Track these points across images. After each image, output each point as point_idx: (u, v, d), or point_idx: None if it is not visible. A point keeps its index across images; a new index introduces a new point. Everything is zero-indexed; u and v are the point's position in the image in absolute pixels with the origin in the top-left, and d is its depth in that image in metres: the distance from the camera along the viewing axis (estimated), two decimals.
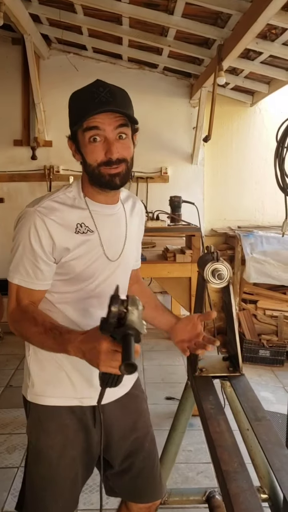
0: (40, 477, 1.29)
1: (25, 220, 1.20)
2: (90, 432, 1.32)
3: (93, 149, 1.17)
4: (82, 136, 1.19)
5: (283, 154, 2.13)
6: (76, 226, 1.22)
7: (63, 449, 1.28)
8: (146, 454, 1.42)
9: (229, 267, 1.48)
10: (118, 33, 3.92)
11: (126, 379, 1.36)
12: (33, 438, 1.31)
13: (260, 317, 4.19)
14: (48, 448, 1.28)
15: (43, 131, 4.68)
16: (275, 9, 2.51)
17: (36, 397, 1.29)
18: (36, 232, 1.17)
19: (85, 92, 1.17)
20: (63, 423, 1.28)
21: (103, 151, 1.17)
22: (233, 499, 0.95)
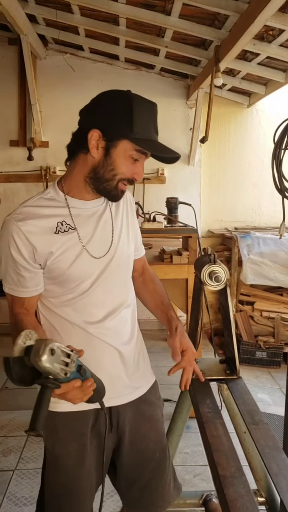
0: (59, 485, 1.28)
1: (3, 230, 1.19)
2: (102, 438, 1.30)
3: (128, 165, 1.18)
4: (125, 147, 1.17)
5: (280, 156, 2.13)
6: (56, 225, 1.20)
7: (80, 458, 1.27)
8: (156, 464, 1.39)
9: (226, 269, 1.47)
10: (115, 34, 3.91)
11: (141, 380, 1.38)
12: (49, 445, 1.28)
13: (257, 319, 4.19)
14: (65, 456, 1.26)
15: (39, 132, 4.66)
16: (272, 10, 2.50)
17: (51, 404, 1.26)
18: (14, 241, 1.16)
19: (149, 110, 1.18)
20: (80, 431, 1.27)
21: (132, 170, 1.19)
22: (230, 505, 0.94)
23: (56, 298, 1.26)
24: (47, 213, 1.20)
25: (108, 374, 1.27)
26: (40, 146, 4.69)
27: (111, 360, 1.29)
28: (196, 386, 1.46)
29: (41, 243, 1.17)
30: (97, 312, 1.26)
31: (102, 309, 1.28)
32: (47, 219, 1.19)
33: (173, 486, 1.44)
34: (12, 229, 1.16)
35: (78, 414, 1.26)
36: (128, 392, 1.34)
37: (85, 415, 1.27)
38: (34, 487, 2.34)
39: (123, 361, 1.32)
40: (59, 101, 4.63)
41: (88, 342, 1.25)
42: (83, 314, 1.25)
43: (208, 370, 1.54)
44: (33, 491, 2.31)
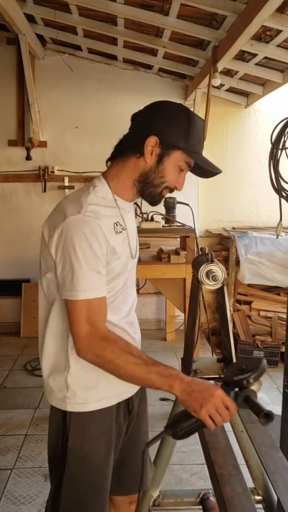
0: (86, 483, 1.29)
1: (74, 227, 1.14)
2: (121, 429, 1.36)
3: (175, 174, 1.26)
4: (177, 157, 1.23)
5: (277, 156, 2.14)
6: (114, 226, 1.22)
7: (107, 453, 1.30)
8: (138, 449, 1.42)
9: (223, 268, 1.48)
10: (113, 34, 3.92)
11: None
12: (76, 446, 1.27)
13: (254, 318, 4.20)
14: (93, 453, 1.28)
15: (37, 132, 4.66)
16: (270, 11, 2.51)
17: (79, 405, 1.26)
18: (95, 235, 1.14)
19: (202, 128, 1.26)
20: (107, 426, 1.30)
21: (177, 180, 1.28)
22: (227, 503, 0.95)
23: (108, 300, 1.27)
24: (106, 213, 1.21)
25: None
26: (38, 146, 4.69)
27: None
28: None
29: (112, 241, 1.19)
30: (125, 307, 1.32)
31: (128, 305, 1.34)
32: (108, 219, 1.20)
33: (150, 464, 1.52)
34: (93, 226, 1.14)
35: (105, 410, 1.28)
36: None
37: (111, 410, 1.30)
38: (32, 485, 2.35)
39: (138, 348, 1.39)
40: (58, 101, 4.63)
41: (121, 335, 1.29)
42: (115, 310, 1.27)
43: (205, 369, 1.55)
44: (31, 489, 2.32)
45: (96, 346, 1.14)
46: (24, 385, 3.51)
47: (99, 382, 1.27)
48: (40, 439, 2.78)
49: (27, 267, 4.77)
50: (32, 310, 4.68)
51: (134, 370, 1.12)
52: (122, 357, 1.13)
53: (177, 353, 3.99)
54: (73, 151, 4.69)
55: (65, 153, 4.68)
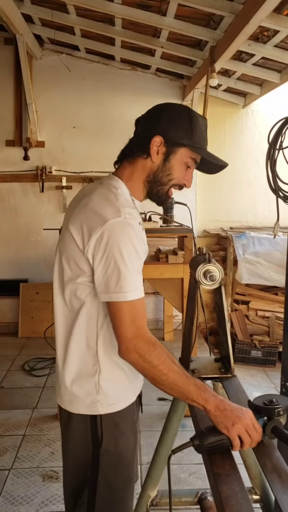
0: (122, 479, 1.32)
1: (119, 230, 1.14)
2: (137, 419, 1.41)
3: (182, 171, 1.29)
4: (183, 154, 1.27)
5: (274, 156, 2.14)
6: (139, 224, 1.27)
7: (136, 446, 1.38)
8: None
9: (221, 268, 1.48)
10: (110, 34, 3.92)
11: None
12: (111, 446, 1.28)
13: (252, 318, 4.21)
14: (127, 449, 1.32)
15: (35, 132, 4.66)
16: (267, 11, 2.52)
17: (110, 406, 1.28)
18: (136, 237, 1.18)
19: (204, 125, 1.31)
20: (132, 420, 1.35)
21: (185, 177, 1.30)
22: (224, 502, 0.95)
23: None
24: (135, 215, 1.24)
25: None
26: (36, 146, 4.69)
27: None
28: None
29: (146, 241, 1.28)
30: None
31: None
32: (137, 221, 1.24)
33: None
34: (135, 228, 1.19)
35: (130, 407, 1.33)
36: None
37: (133, 405, 1.35)
38: (30, 486, 2.35)
39: None
40: (55, 101, 4.63)
41: None
42: None
43: (203, 369, 1.55)
44: (29, 490, 2.32)
45: (143, 349, 1.14)
46: (22, 385, 3.51)
47: (123, 381, 1.31)
48: (38, 439, 2.78)
49: (25, 267, 4.77)
50: (30, 310, 4.68)
51: (177, 379, 1.13)
52: (167, 364, 1.14)
53: (175, 353, 3.99)
54: (71, 151, 4.69)
55: (62, 153, 4.68)
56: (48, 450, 2.67)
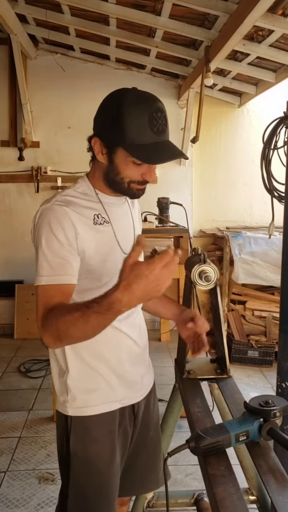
0: (93, 488, 1.28)
1: (43, 216, 1.16)
2: (127, 435, 1.35)
3: (134, 169, 1.16)
4: (123, 153, 1.13)
5: (269, 155, 2.14)
6: (93, 217, 1.21)
7: (111, 456, 1.29)
8: (151, 450, 1.45)
9: (216, 268, 1.47)
10: (105, 34, 3.91)
11: (151, 373, 1.45)
12: (79, 449, 1.26)
13: (248, 318, 4.21)
14: (98, 456, 1.27)
15: (30, 132, 4.64)
16: (261, 11, 2.52)
17: (79, 409, 1.26)
18: (58, 222, 1.13)
19: (144, 111, 1.10)
20: (110, 429, 1.29)
21: (140, 173, 1.17)
22: (219, 503, 0.94)
23: (88, 292, 1.18)
24: (84, 204, 1.21)
25: (132, 372, 1.32)
26: (31, 146, 4.67)
27: (135, 357, 1.33)
28: (187, 385, 1.46)
29: (83, 228, 1.16)
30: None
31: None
32: (85, 210, 1.20)
33: (162, 471, 1.48)
34: (58, 212, 1.14)
35: (107, 415, 1.28)
36: (147, 387, 1.41)
37: (113, 414, 1.29)
38: (25, 488, 2.34)
39: (143, 357, 1.39)
40: (50, 101, 4.62)
41: (116, 341, 1.27)
42: None
43: (198, 370, 1.54)
44: (25, 492, 2.30)
45: (46, 325, 1.09)
46: (17, 387, 3.49)
47: (99, 385, 1.26)
48: (34, 441, 2.77)
49: (20, 268, 4.75)
50: (26, 311, 4.66)
51: (81, 324, 1.02)
52: (66, 320, 1.04)
53: (172, 354, 3.98)
54: (66, 151, 4.68)
55: (58, 154, 4.67)
56: (44, 452, 2.65)
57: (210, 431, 1.08)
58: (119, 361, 1.29)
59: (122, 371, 1.29)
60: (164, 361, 3.79)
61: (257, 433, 1.09)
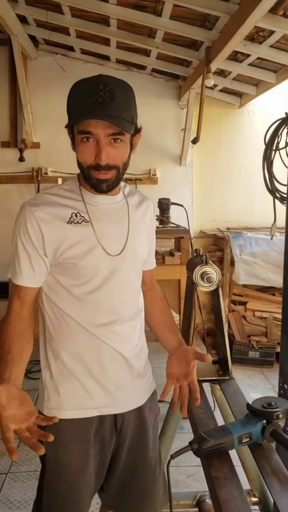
0: (59, 493, 1.26)
1: (18, 215, 1.20)
2: (105, 444, 1.29)
3: (84, 150, 1.13)
4: (76, 135, 1.14)
5: (271, 156, 2.14)
6: (71, 215, 1.19)
7: (83, 464, 1.25)
8: (151, 472, 1.37)
9: (218, 270, 1.48)
10: (106, 35, 3.91)
11: (145, 387, 1.37)
12: (51, 452, 1.24)
13: (249, 319, 4.20)
14: (67, 463, 1.24)
15: (30, 133, 4.64)
16: (262, 12, 2.51)
17: (53, 411, 1.24)
18: (25, 225, 1.17)
19: (86, 85, 1.10)
20: (84, 436, 1.25)
21: (93, 154, 1.12)
22: (223, 505, 0.94)
23: (65, 291, 1.22)
24: (63, 202, 1.20)
25: (114, 380, 1.26)
26: (31, 147, 4.67)
27: (118, 366, 1.27)
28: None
29: (51, 231, 1.16)
30: (106, 313, 1.23)
31: (112, 312, 1.24)
32: (62, 208, 1.19)
33: (162, 493, 1.42)
34: (25, 213, 1.17)
35: (82, 421, 1.24)
36: (133, 400, 1.32)
37: (89, 421, 1.25)
38: (27, 490, 2.33)
39: (129, 368, 1.29)
40: (50, 102, 4.61)
41: (95, 345, 1.23)
42: (91, 314, 1.22)
43: (200, 371, 1.54)
44: (26, 494, 2.30)
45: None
46: None
47: (75, 388, 1.24)
48: None
49: None
50: None
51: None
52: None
53: None
54: (67, 152, 4.61)
55: (58, 154, 4.66)
56: None
57: (213, 433, 1.07)
58: (99, 366, 1.24)
59: (102, 377, 1.24)
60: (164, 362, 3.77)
61: (260, 435, 1.08)
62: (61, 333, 1.24)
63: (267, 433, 1.07)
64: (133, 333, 1.30)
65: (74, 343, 1.23)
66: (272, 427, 1.07)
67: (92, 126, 1.09)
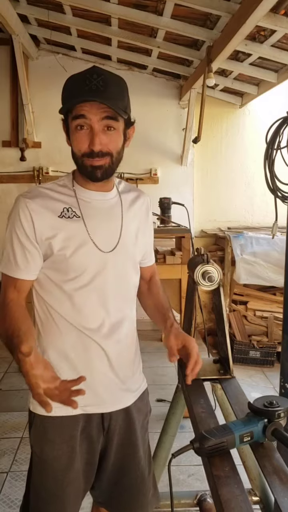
0: (46, 490, 1.26)
1: (12, 208, 1.21)
2: (93, 442, 1.29)
3: (78, 137, 1.15)
4: (70, 123, 1.16)
5: (272, 156, 2.14)
6: (62, 210, 1.20)
7: (69, 462, 1.25)
8: (140, 473, 1.37)
9: (219, 269, 1.47)
10: (107, 34, 3.91)
11: (134, 386, 1.36)
12: (37, 448, 1.26)
13: (250, 318, 4.20)
14: (53, 460, 1.24)
15: (32, 132, 4.64)
16: (264, 11, 2.51)
17: (38, 407, 1.23)
18: (19, 216, 1.17)
19: (79, 76, 1.14)
20: (70, 434, 1.25)
21: (87, 141, 1.14)
22: (224, 505, 0.94)
23: (55, 287, 1.22)
24: (56, 196, 1.21)
25: (101, 379, 1.26)
26: (32, 147, 4.68)
27: (105, 365, 1.26)
28: (190, 386, 1.46)
29: (43, 223, 1.17)
30: (95, 311, 1.23)
31: (101, 309, 1.24)
32: (54, 202, 1.20)
33: (152, 494, 1.41)
34: (19, 205, 1.18)
35: (68, 418, 1.24)
36: (121, 398, 1.31)
37: (75, 419, 1.25)
38: None
39: (118, 366, 1.29)
40: (52, 101, 4.58)
41: (82, 343, 1.23)
42: (79, 311, 1.22)
43: (202, 370, 1.54)
44: None
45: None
46: (19, 388, 3.49)
47: None
48: None
49: None
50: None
51: (3, 340, 1.09)
52: (5, 326, 1.10)
53: None
54: (68, 152, 4.62)
55: (59, 154, 4.66)
56: None
57: (214, 431, 1.07)
58: (86, 365, 1.23)
59: (88, 376, 1.20)
60: (165, 362, 3.78)
61: (261, 433, 1.08)
62: (48, 330, 1.25)
63: (269, 432, 1.07)
64: (122, 331, 1.29)
65: (61, 340, 1.23)
66: (273, 426, 1.07)
67: (85, 110, 1.12)
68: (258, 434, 1.08)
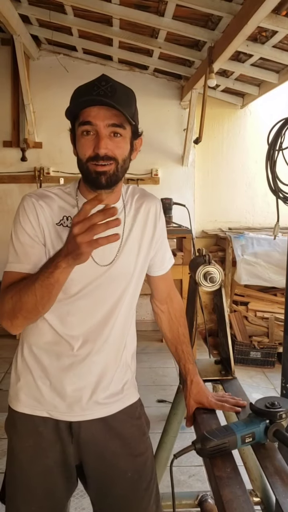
0: (14, 477, 1.28)
1: (19, 205, 1.22)
2: (67, 445, 1.26)
3: (84, 142, 1.13)
4: (77, 129, 1.16)
5: (274, 156, 2.14)
6: (62, 217, 1.19)
7: (35, 456, 1.25)
8: (128, 484, 1.29)
9: (221, 270, 1.47)
10: (108, 34, 3.91)
11: (116, 397, 1.29)
12: (9, 437, 1.30)
13: (251, 319, 4.20)
14: (19, 450, 1.27)
15: (33, 133, 4.64)
16: (265, 12, 2.52)
17: (12, 400, 1.29)
18: (25, 211, 1.18)
19: (87, 85, 1.16)
20: (36, 430, 1.25)
21: (92, 146, 1.12)
22: (226, 505, 0.94)
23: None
24: (59, 203, 1.21)
25: (72, 389, 1.22)
26: (33, 147, 4.68)
27: (81, 375, 1.23)
28: None
29: (45, 222, 1.18)
30: (79, 321, 1.20)
31: (85, 319, 1.21)
32: (57, 209, 1.20)
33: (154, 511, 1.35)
34: (26, 202, 1.19)
35: (36, 417, 1.24)
36: (92, 409, 1.25)
37: (41, 419, 1.24)
38: None
39: (95, 378, 1.24)
40: (53, 101, 4.61)
41: (59, 349, 1.22)
42: (62, 317, 1.20)
43: (203, 371, 1.54)
44: None
45: (2, 303, 1.13)
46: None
47: (30, 387, 1.25)
48: None
49: None
50: None
51: (30, 289, 1.06)
52: (17, 291, 1.09)
53: None
54: (69, 152, 4.60)
55: (60, 154, 4.67)
56: None
57: (216, 432, 1.07)
58: (58, 370, 1.22)
59: (58, 382, 1.22)
60: (166, 362, 3.78)
61: (263, 434, 1.08)
62: (29, 328, 1.24)
63: (270, 433, 1.07)
64: (105, 347, 1.24)
65: (39, 341, 1.23)
66: (275, 427, 1.07)
67: (92, 116, 1.11)
68: (260, 435, 1.08)
